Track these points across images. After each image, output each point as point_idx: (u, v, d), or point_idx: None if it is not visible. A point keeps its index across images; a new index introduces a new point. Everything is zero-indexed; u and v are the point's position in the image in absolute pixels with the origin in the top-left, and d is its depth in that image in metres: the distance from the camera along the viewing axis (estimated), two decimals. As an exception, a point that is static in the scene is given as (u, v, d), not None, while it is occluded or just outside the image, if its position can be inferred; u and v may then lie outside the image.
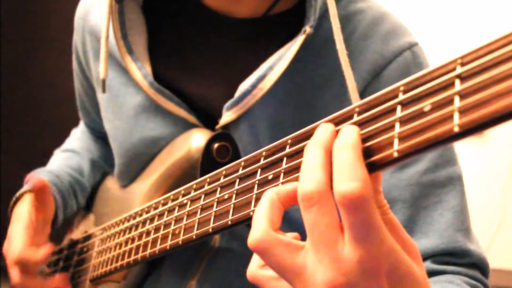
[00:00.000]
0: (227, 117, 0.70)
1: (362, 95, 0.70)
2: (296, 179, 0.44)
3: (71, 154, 0.99)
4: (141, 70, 0.74)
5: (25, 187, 0.87)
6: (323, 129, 0.40)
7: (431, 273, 0.67)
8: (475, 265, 0.69)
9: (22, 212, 0.80)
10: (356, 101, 0.60)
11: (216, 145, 0.69)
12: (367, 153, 0.38)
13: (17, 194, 0.87)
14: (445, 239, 0.67)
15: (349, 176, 0.35)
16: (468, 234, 0.70)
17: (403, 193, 0.69)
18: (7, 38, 1.94)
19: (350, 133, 0.38)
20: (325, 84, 0.70)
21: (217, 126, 0.72)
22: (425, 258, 0.68)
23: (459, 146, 0.72)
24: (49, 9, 1.96)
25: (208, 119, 0.74)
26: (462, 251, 0.68)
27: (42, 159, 1.01)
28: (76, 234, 0.95)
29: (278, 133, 0.70)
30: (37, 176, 0.82)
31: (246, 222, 0.50)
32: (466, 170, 0.73)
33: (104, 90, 0.76)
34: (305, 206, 0.38)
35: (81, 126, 1.06)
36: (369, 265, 0.36)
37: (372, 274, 0.36)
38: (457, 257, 0.68)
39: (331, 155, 0.38)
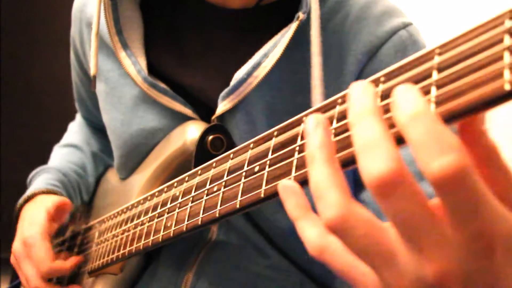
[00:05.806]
0: (223, 106, 0.70)
1: (359, 77, 0.70)
2: (281, 171, 0.44)
3: (72, 149, 0.99)
4: (135, 66, 0.74)
5: (35, 186, 0.88)
6: (364, 92, 0.33)
7: None
8: None
9: (38, 218, 0.80)
10: (317, 98, 0.60)
11: (210, 137, 0.68)
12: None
13: (29, 193, 0.87)
14: None
15: (438, 150, 0.28)
16: None
17: None
18: (7, 30, 1.95)
19: (413, 99, 0.30)
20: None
21: (213, 116, 0.72)
22: None
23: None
24: (49, 1, 1.97)
25: (205, 110, 0.74)
26: None
27: (43, 151, 1.01)
28: (78, 226, 0.95)
29: (275, 119, 0.70)
30: (62, 198, 0.81)
31: (234, 214, 0.50)
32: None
33: (94, 87, 0.77)
34: (384, 193, 0.30)
35: (78, 119, 1.06)
36: (481, 244, 0.30)
37: (487, 253, 0.30)
38: None
39: (386, 122, 0.32)
